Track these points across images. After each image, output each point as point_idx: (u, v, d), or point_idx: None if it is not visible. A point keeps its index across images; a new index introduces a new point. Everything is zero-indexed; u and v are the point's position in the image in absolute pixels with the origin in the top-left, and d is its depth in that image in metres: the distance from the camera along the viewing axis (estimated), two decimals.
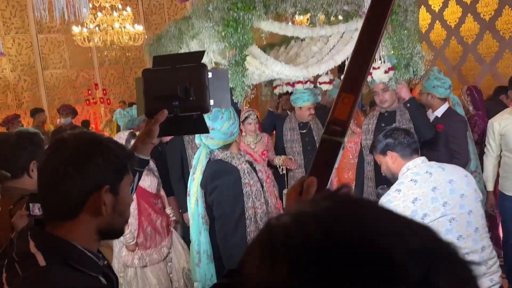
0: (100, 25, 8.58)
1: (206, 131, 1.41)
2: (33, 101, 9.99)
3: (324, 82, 4.09)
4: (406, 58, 3.37)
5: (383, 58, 3.42)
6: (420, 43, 3.67)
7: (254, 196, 2.38)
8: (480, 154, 3.80)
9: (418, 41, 3.53)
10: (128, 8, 9.07)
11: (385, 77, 3.38)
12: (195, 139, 2.71)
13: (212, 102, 1.35)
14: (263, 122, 5.13)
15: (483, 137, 3.84)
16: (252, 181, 2.39)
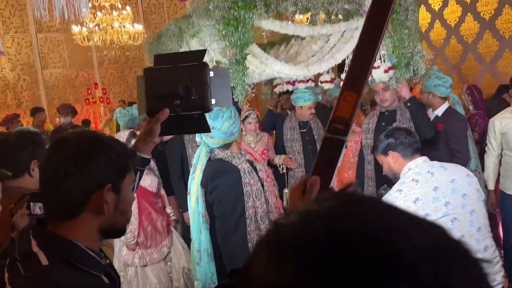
0: (100, 24, 8.58)
1: (207, 130, 1.40)
2: (33, 100, 9.98)
3: (325, 81, 4.09)
4: (407, 57, 3.38)
5: (383, 57, 3.42)
6: (420, 42, 3.67)
7: (254, 195, 2.38)
8: (480, 153, 3.80)
9: (418, 40, 3.54)
10: (128, 7, 9.07)
11: (385, 76, 3.38)
12: (196, 137, 2.70)
13: (213, 101, 1.35)
14: (263, 121, 5.12)
15: (483, 137, 3.84)
16: (252, 180, 2.39)
